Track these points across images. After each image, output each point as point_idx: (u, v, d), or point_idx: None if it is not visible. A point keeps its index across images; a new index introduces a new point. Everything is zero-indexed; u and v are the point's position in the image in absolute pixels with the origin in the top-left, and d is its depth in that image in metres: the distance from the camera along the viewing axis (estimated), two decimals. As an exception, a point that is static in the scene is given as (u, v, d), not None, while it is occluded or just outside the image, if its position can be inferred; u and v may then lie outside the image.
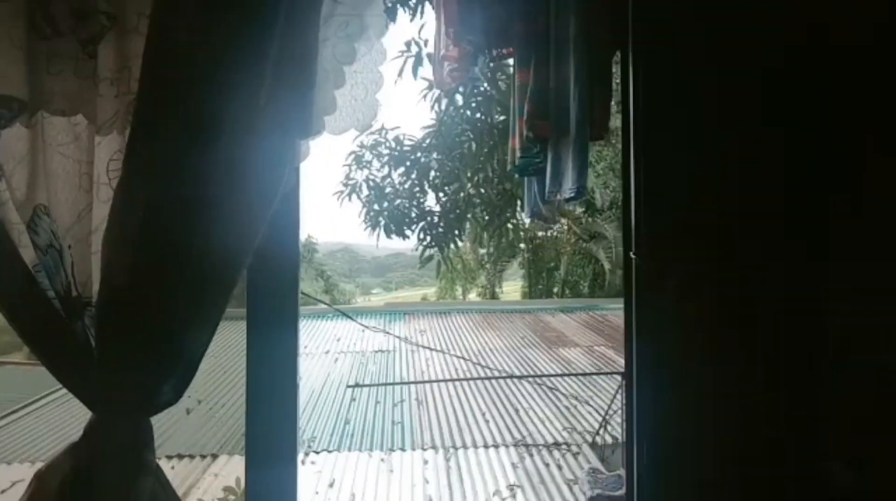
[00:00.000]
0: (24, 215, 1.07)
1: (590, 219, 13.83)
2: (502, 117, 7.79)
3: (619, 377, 5.92)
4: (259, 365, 1.28)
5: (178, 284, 1.04)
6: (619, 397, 5.80)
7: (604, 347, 9.94)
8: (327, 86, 1.21)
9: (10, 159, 1.08)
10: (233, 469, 5.45)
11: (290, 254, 1.30)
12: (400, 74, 6.90)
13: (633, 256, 1.34)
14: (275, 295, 1.28)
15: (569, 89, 1.61)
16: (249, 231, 1.08)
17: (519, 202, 8.73)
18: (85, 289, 1.07)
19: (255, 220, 1.08)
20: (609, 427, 6.02)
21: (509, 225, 9.77)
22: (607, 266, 13.97)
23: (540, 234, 14.61)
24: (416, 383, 8.01)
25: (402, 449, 5.97)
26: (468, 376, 8.17)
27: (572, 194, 1.57)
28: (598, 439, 6.08)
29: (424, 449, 6.09)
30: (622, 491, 5.06)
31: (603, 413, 6.06)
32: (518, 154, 1.73)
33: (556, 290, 15.47)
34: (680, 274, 1.32)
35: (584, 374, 8.03)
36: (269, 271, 1.26)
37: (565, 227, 13.70)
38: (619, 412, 5.87)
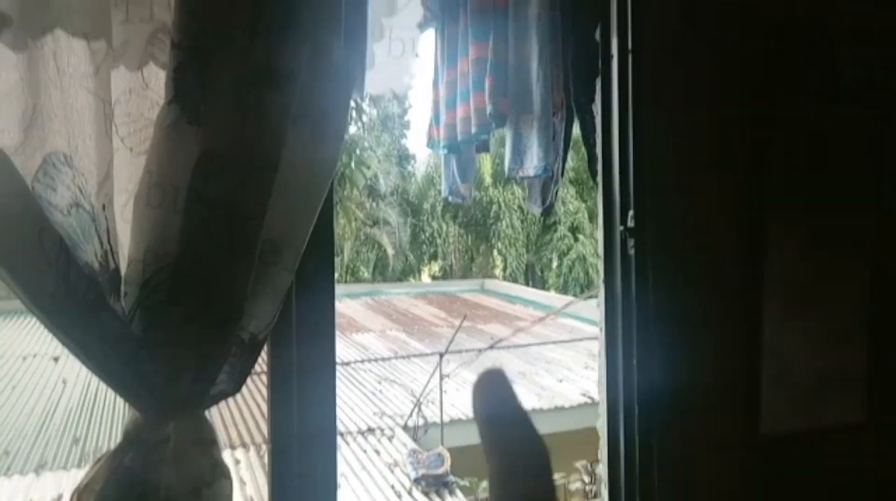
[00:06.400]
0: (26, 166, 0.82)
1: (373, 204, 14.04)
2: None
3: (436, 358, 6.12)
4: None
5: (239, 249, 0.89)
6: (436, 375, 6.00)
7: (395, 330, 10.18)
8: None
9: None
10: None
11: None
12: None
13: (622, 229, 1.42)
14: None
15: (530, 67, 1.65)
16: (315, 193, 0.96)
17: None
18: (118, 260, 0.86)
19: (321, 180, 0.96)
20: (421, 409, 6.22)
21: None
22: (391, 251, 14.32)
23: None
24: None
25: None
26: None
27: (539, 172, 1.61)
28: (409, 421, 6.25)
29: (233, 448, 5.73)
30: (444, 468, 5.27)
31: (416, 396, 6.23)
32: (474, 130, 1.73)
33: (336, 276, 15.39)
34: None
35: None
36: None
37: (349, 212, 13.74)
38: (433, 392, 6.10)
